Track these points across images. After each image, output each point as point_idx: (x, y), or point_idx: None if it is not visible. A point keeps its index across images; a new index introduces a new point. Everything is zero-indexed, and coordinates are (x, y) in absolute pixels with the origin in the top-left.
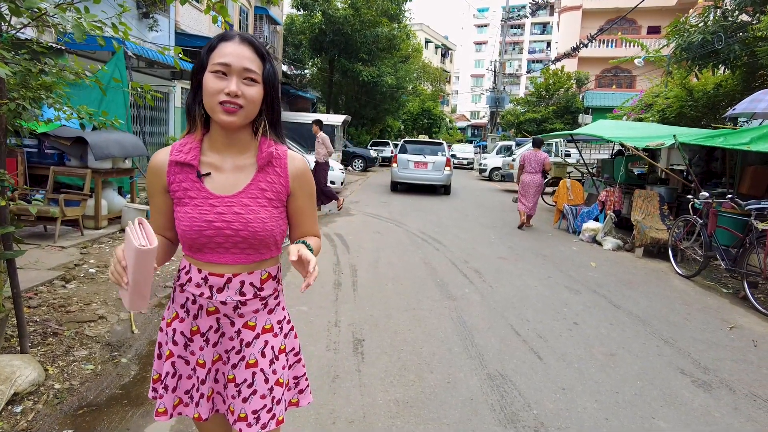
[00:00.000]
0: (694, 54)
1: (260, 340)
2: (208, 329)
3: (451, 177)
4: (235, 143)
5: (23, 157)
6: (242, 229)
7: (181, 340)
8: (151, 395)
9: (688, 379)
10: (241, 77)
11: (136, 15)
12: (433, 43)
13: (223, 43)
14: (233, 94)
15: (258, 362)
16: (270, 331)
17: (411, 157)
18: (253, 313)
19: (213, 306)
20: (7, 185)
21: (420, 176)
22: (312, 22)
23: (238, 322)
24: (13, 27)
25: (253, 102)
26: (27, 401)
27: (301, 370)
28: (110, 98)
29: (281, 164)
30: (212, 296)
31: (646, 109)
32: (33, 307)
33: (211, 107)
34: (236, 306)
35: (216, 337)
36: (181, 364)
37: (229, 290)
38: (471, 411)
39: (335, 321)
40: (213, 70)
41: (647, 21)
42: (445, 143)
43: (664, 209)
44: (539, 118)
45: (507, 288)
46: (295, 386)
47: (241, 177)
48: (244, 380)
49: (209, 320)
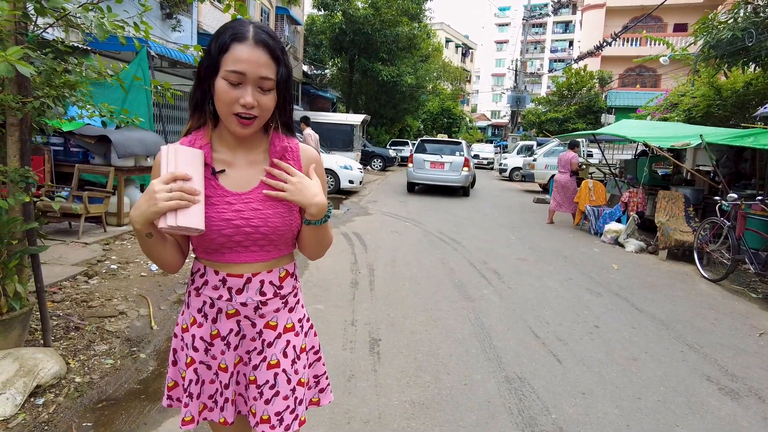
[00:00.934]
0: (723, 51)
1: (282, 340)
2: (229, 333)
3: (471, 178)
4: (247, 140)
5: (50, 155)
6: (262, 225)
7: (201, 346)
8: (166, 403)
9: (715, 386)
10: (256, 86)
11: (159, 16)
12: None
13: (237, 46)
14: (249, 105)
15: (280, 362)
16: (291, 330)
17: (427, 156)
18: (274, 312)
19: (233, 308)
20: (31, 182)
21: (436, 177)
22: (332, 22)
23: (260, 322)
24: (39, 27)
25: (268, 110)
26: (49, 393)
27: (321, 368)
28: (133, 97)
29: (294, 156)
30: (232, 298)
31: (671, 109)
32: (56, 302)
33: (225, 116)
34: (257, 306)
35: (237, 341)
36: (203, 370)
37: (249, 291)
38: (488, 414)
39: (352, 320)
40: (226, 77)
41: (673, 18)
42: (464, 142)
43: (689, 211)
44: (561, 117)
45: (526, 289)
46: (315, 385)
47: (255, 172)
48: (266, 381)
49: (229, 323)
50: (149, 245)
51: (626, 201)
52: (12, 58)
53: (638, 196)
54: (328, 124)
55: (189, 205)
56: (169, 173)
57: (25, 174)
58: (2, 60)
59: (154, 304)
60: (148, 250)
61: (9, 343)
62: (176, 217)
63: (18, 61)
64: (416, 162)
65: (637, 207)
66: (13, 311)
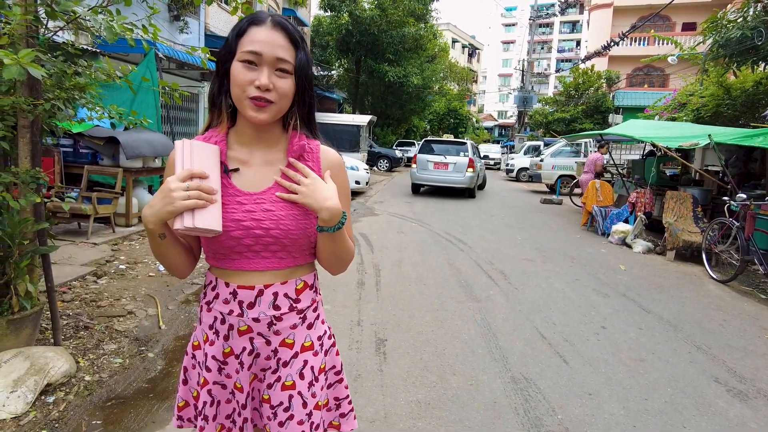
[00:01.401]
0: (732, 50)
1: (299, 360)
2: (242, 351)
3: (476, 179)
4: (265, 137)
5: (60, 157)
6: (273, 227)
7: (214, 365)
8: (176, 424)
9: (723, 387)
10: (272, 68)
11: (167, 18)
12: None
13: (254, 28)
14: (264, 87)
15: (296, 384)
16: (310, 348)
17: (431, 157)
18: (291, 329)
19: (245, 325)
20: (42, 183)
21: (440, 178)
22: (339, 23)
23: (275, 340)
24: (50, 30)
25: (285, 96)
26: (59, 392)
27: (343, 391)
28: (141, 99)
29: (314, 158)
30: (243, 313)
31: (679, 109)
32: (66, 302)
33: (240, 101)
34: (271, 322)
35: (250, 360)
36: (218, 390)
37: (261, 305)
38: (494, 414)
39: (358, 320)
40: (242, 59)
41: (682, 17)
42: (469, 143)
43: (697, 211)
44: (568, 117)
45: (533, 290)
46: (336, 408)
47: (271, 172)
48: (280, 403)
49: (242, 341)
50: (161, 246)
51: (634, 201)
52: (24, 61)
53: (646, 196)
54: (335, 125)
55: (206, 205)
56: (186, 170)
57: (36, 175)
58: (15, 63)
59: (162, 304)
60: (158, 251)
61: (20, 341)
62: (193, 218)
63: (30, 64)
64: (420, 163)
65: (645, 207)
66: (24, 310)
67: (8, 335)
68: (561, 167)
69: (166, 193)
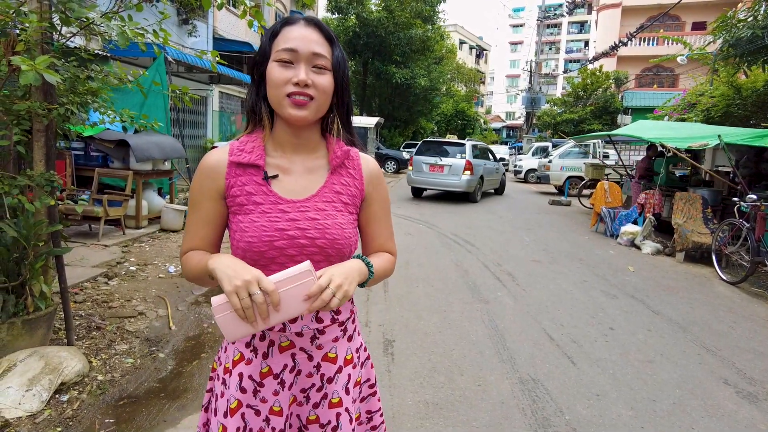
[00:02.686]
0: (743, 50)
1: (343, 374)
2: (283, 369)
3: (478, 183)
4: (304, 143)
5: (71, 160)
6: (319, 237)
7: (249, 387)
8: None
9: (732, 389)
10: (309, 64)
11: (176, 21)
12: (467, 44)
13: (288, 28)
14: (303, 83)
15: (342, 401)
16: (351, 362)
17: (426, 159)
18: (333, 342)
19: (287, 340)
20: (56, 186)
21: (435, 181)
22: (346, 26)
23: (317, 354)
24: (64, 36)
25: (324, 92)
26: (73, 391)
27: (376, 404)
28: (151, 102)
29: (355, 165)
30: (285, 327)
31: (689, 109)
32: (78, 302)
33: (278, 101)
34: (314, 336)
35: (291, 378)
36: (251, 416)
37: (304, 318)
38: (501, 415)
39: (366, 321)
40: (278, 58)
41: (691, 17)
42: (468, 143)
43: (707, 212)
44: (576, 118)
45: (541, 291)
46: (367, 421)
47: (313, 179)
48: (329, 422)
49: (283, 358)
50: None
51: (642, 202)
52: (40, 67)
53: (655, 197)
54: None
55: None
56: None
57: (50, 178)
58: (31, 69)
59: (172, 305)
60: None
61: (35, 341)
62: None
63: (46, 70)
64: (415, 164)
65: (654, 208)
66: (39, 311)
67: (23, 335)
68: (569, 168)
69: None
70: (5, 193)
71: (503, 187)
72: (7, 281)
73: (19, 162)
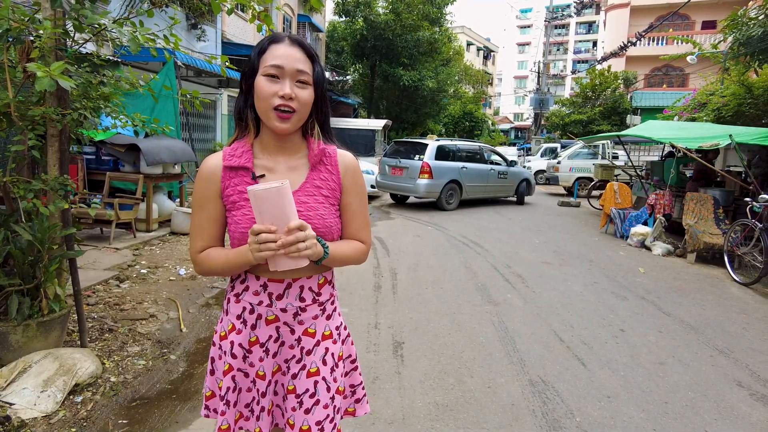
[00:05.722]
0: (754, 48)
1: (321, 348)
2: (268, 339)
3: (440, 188)
4: (288, 145)
5: (83, 164)
6: (314, 220)
7: (239, 353)
8: (204, 413)
9: (746, 391)
10: (294, 79)
11: (185, 26)
12: (474, 46)
13: (274, 45)
14: (288, 96)
15: (320, 370)
16: (329, 337)
17: (389, 160)
18: (313, 319)
19: (272, 314)
20: (70, 189)
21: (395, 185)
22: (354, 29)
23: (298, 329)
24: (77, 42)
25: (305, 105)
26: (86, 392)
27: (357, 378)
28: (161, 106)
29: (332, 161)
30: (272, 304)
31: (699, 108)
32: (91, 305)
33: (265, 112)
34: (296, 313)
35: (276, 347)
36: (240, 377)
37: (289, 296)
38: (512, 416)
39: (375, 323)
40: (265, 73)
41: (701, 16)
42: (433, 143)
43: (719, 213)
44: (585, 119)
45: (551, 293)
46: (351, 394)
47: (295, 176)
48: (306, 390)
49: (269, 329)
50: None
51: (653, 203)
52: (55, 73)
53: (665, 198)
54: (350, 130)
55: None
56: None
57: (64, 182)
58: (46, 75)
59: (183, 307)
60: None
61: (49, 343)
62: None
63: (60, 76)
64: (381, 167)
65: (664, 209)
66: (53, 313)
67: (38, 337)
68: (578, 169)
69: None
70: (21, 197)
71: (522, 195)
72: (22, 284)
73: (34, 166)
